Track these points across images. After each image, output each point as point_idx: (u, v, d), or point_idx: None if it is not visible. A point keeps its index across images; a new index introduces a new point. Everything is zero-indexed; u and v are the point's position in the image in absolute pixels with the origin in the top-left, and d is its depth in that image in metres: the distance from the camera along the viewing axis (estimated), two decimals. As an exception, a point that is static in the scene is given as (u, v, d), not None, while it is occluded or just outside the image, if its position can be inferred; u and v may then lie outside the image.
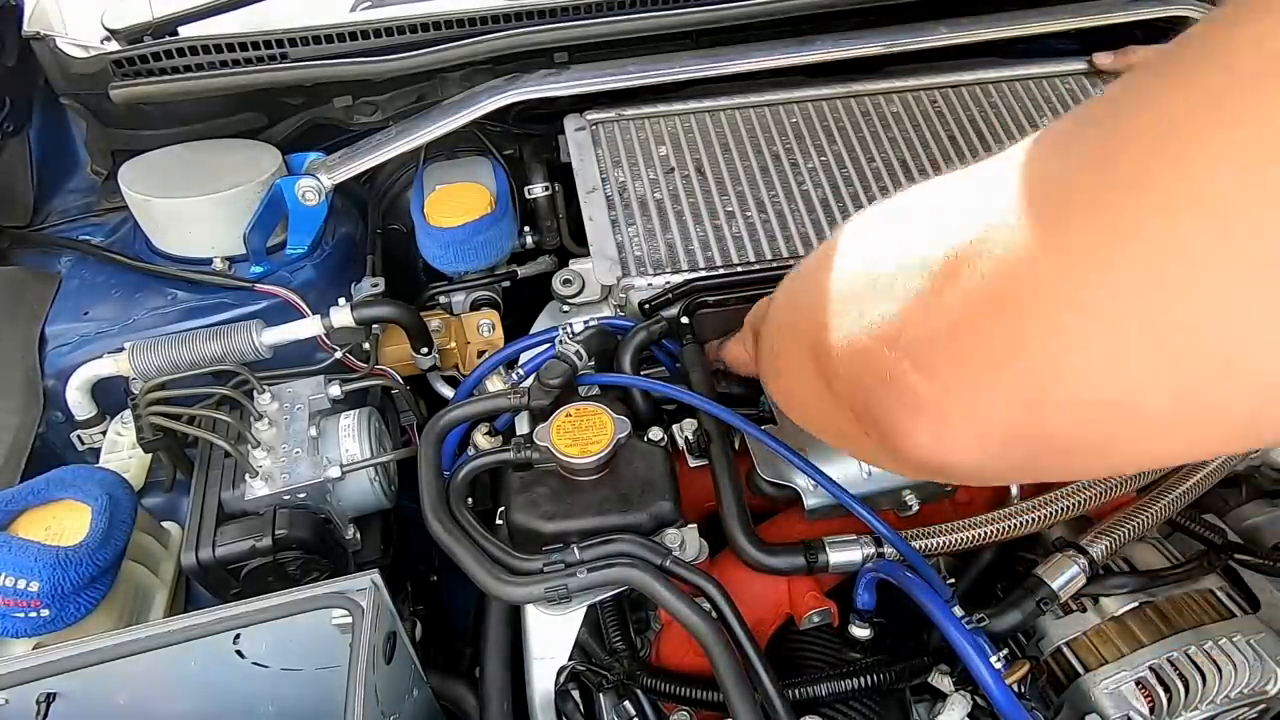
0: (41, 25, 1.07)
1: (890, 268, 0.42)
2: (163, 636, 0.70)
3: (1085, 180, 0.33)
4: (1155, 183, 0.31)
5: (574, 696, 0.78)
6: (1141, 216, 0.31)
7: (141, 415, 0.90)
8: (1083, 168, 0.34)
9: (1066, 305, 0.33)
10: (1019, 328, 0.35)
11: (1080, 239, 0.33)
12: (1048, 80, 1.15)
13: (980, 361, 0.37)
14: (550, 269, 1.16)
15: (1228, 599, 0.79)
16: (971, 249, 0.37)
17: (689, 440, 0.84)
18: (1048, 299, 0.34)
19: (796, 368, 0.53)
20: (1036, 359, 0.35)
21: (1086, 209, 0.33)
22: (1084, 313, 0.33)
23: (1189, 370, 0.32)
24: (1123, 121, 0.33)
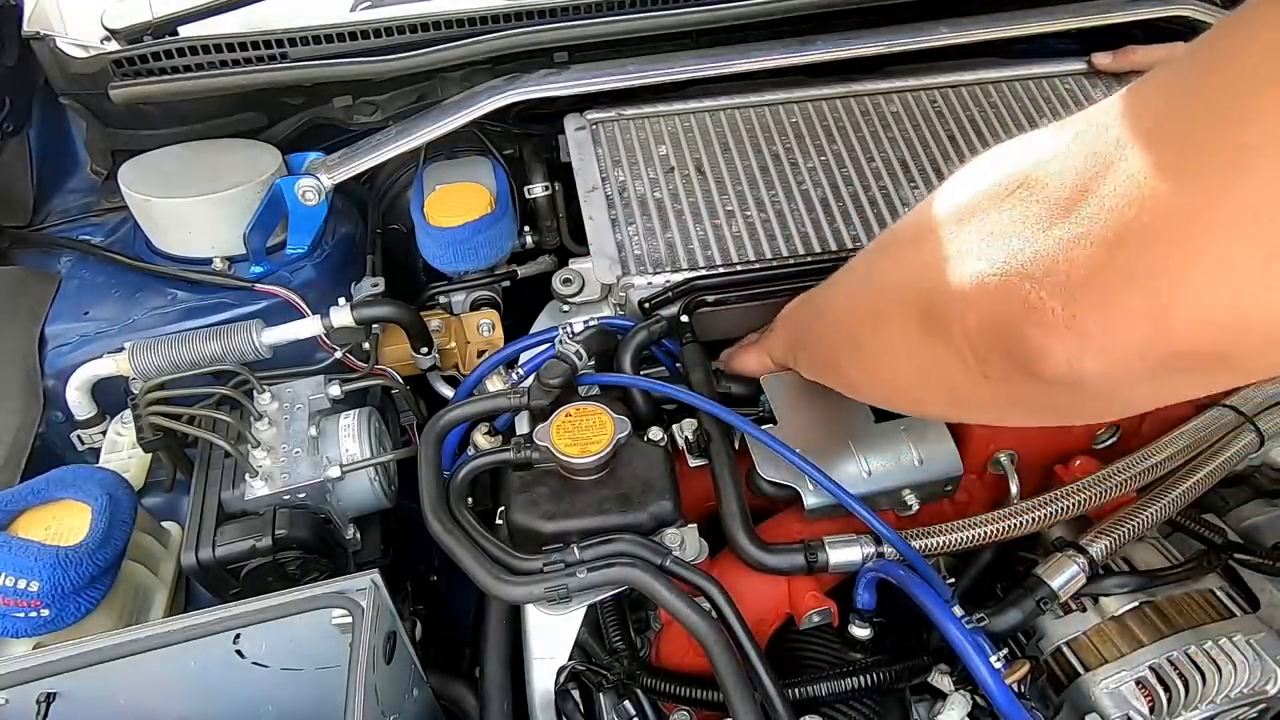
0: (41, 25, 1.07)
1: (1009, 212, 0.46)
2: (163, 636, 0.70)
3: (1200, 114, 0.38)
4: (1267, 114, 0.35)
5: (574, 696, 0.78)
6: (1255, 145, 0.35)
7: (141, 415, 0.90)
8: (1195, 104, 0.38)
9: (1188, 226, 0.37)
10: (1145, 249, 0.39)
11: (1200, 164, 0.37)
12: (1048, 80, 1.15)
13: (1112, 283, 0.41)
14: (550, 269, 1.16)
15: (1228, 599, 0.79)
16: (1093, 182, 0.41)
17: (689, 440, 0.84)
18: (1171, 222, 0.38)
19: (890, 339, 0.58)
20: (1161, 278, 0.39)
21: (1204, 140, 0.37)
22: (1204, 232, 0.37)
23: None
24: (1227, 60, 0.38)
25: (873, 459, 0.80)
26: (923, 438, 0.81)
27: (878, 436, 0.82)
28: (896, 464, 0.80)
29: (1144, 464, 0.81)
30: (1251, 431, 0.85)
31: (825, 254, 0.97)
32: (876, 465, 0.80)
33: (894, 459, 0.80)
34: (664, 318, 0.91)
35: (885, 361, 0.62)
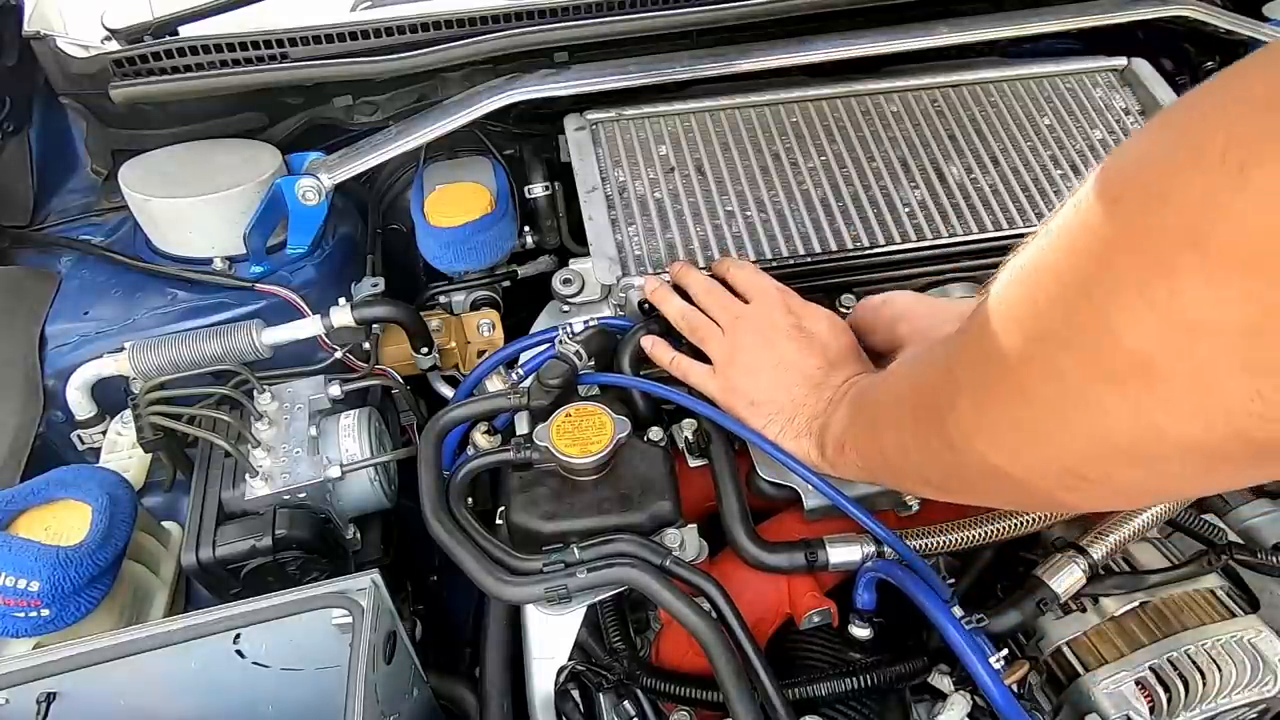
0: (41, 25, 1.07)
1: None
2: (163, 636, 0.70)
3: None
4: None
5: (574, 696, 0.78)
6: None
7: (141, 415, 0.90)
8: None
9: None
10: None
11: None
12: (1048, 80, 1.15)
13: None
14: (550, 269, 1.16)
15: (1228, 599, 0.79)
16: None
17: (689, 440, 0.84)
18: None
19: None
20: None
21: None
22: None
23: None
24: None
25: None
26: (923, 438, 0.81)
27: (878, 436, 0.81)
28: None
29: (1144, 464, 0.80)
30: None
31: (825, 254, 0.97)
32: (876, 465, 0.80)
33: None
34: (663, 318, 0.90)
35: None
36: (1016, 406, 0.46)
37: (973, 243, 0.98)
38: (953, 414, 0.52)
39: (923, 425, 0.57)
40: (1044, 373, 0.43)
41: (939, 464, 0.57)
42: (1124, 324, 0.37)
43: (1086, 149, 1.08)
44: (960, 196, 1.02)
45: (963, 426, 0.51)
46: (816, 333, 0.79)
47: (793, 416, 0.75)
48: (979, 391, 0.49)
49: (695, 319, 0.84)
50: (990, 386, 0.48)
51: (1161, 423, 0.38)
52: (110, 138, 1.16)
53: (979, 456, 0.50)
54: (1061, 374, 0.41)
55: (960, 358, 0.52)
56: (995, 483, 0.53)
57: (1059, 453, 0.45)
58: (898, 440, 0.62)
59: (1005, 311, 0.45)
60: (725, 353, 0.80)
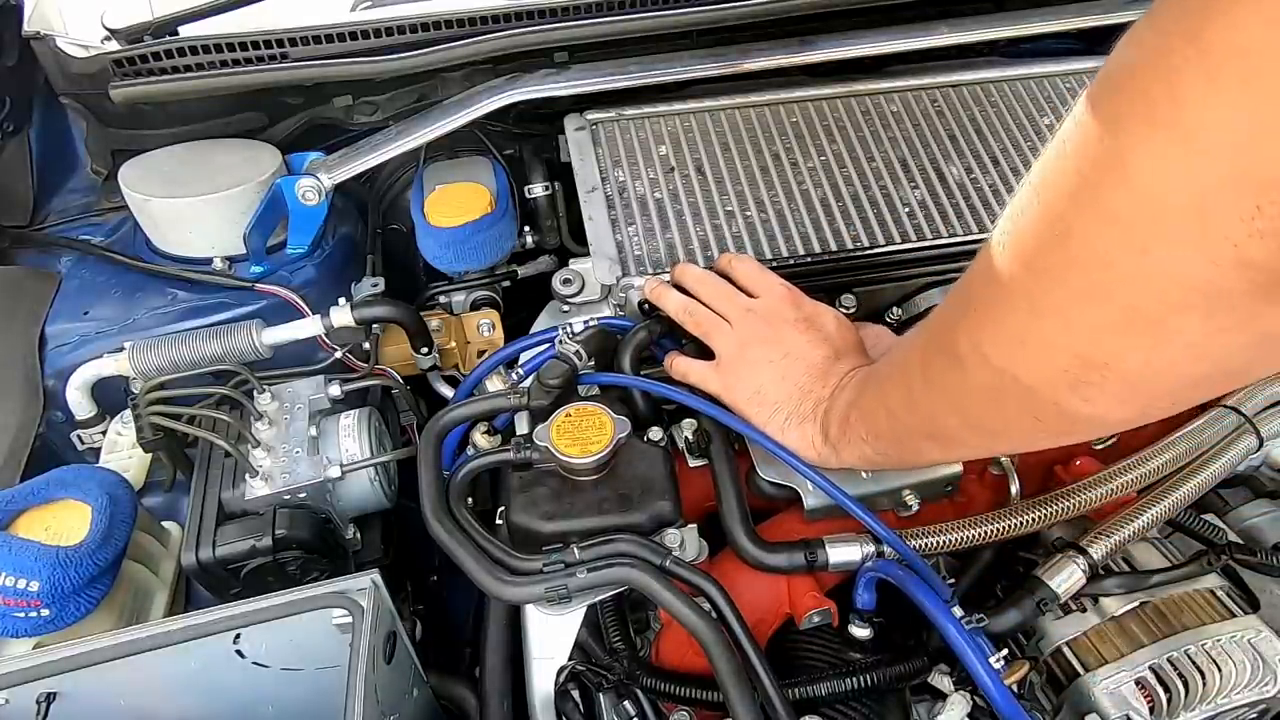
0: (41, 25, 1.07)
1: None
2: (163, 636, 0.70)
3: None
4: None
5: (574, 696, 0.78)
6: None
7: (141, 415, 0.90)
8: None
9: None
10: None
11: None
12: (1048, 80, 1.15)
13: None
14: (550, 269, 1.16)
15: (1228, 599, 0.79)
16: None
17: (689, 440, 0.84)
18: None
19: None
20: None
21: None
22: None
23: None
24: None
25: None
26: (923, 438, 0.81)
27: (878, 436, 0.81)
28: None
29: (1144, 465, 0.81)
30: (1251, 433, 0.85)
31: (825, 254, 0.97)
32: (876, 465, 0.80)
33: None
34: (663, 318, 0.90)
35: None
36: (1025, 286, 0.47)
37: (973, 243, 0.98)
38: (964, 323, 0.53)
39: (931, 355, 0.58)
40: (1051, 238, 0.44)
41: (946, 395, 0.58)
42: (1134, 150, 0.38)
43: (1086, 149, 1.07)
44: (960, 196, 1.02)
45: (971, 334, 0.52)
46: (824, 326, 0.80)
47: (799, 404, 0.75)
48: (989, 292, 0.50)
49: (700, 313, 0.84)
50: (1000, 283, 0.49)
51: (1166, 266, 0.39)
52: (110, 138, 1.16)
53: (987, 364, 0.51)
54: (1068, 231, 0.42)
55: (972, 280, 0.53)
56: (1003, 397, 0.53)
57: (1066, 334, 0.46)
58: (905, 394, 0.63)
59: (1018, 209, 0.46)
60: (733, 346, 0.80)
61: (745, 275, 0.86)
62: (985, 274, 0.51)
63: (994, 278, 0.49)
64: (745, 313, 0.82)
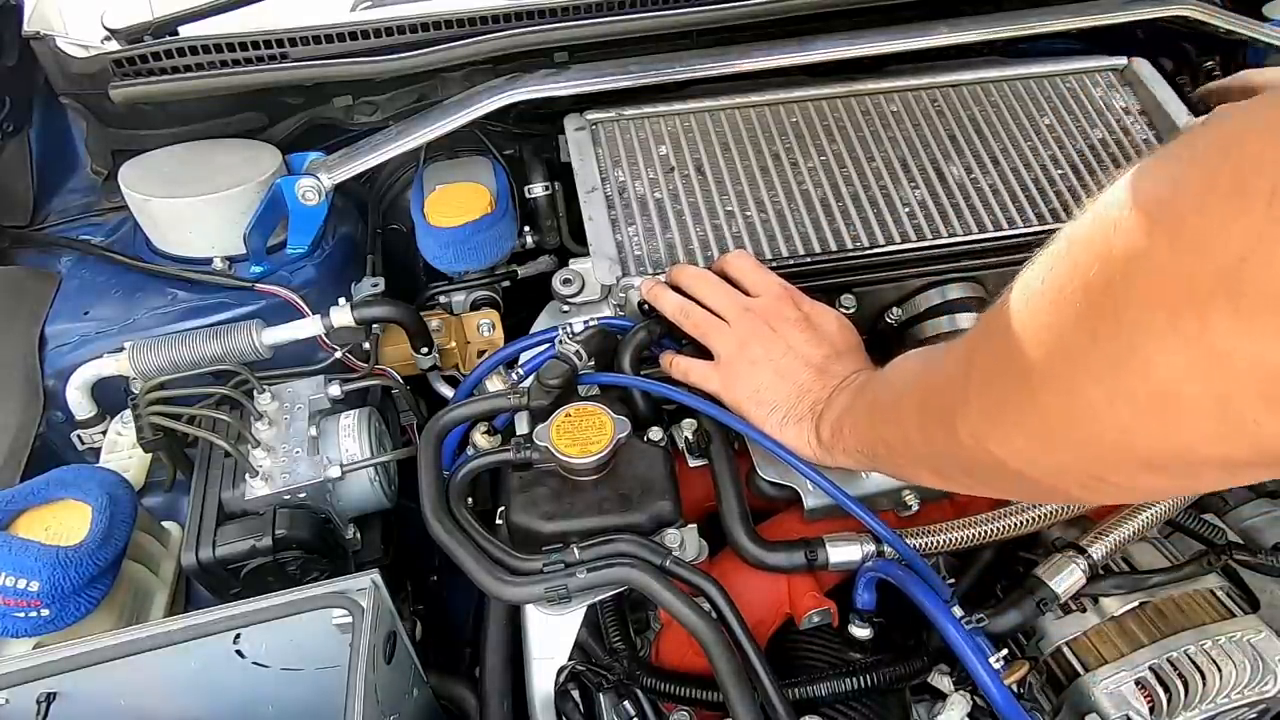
0: (41, 25, 1.07)
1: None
2: (163, 636, 0.70)
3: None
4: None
5: (574, 696, 0.78)
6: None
7: (141, 415, 0.90)
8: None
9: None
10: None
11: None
12: (1048, 80, 1.15)
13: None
14: (550, 269, 1.16)
15: (1228, 599, 0.79)
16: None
17: (689, 440, 0.84)
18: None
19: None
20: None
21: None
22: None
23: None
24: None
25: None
26: (923, 438, 0.81)
27: (878, 436, 0.81)
28: (896, 464, 0.80)
29: (1144, 464, 0.80)
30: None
31: (825, 254, 0.97)
32: (876, 465, 0.80)
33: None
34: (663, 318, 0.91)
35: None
36: (1032, 416, 0.46)
37: (973, 243, 0.98)
38: (964, 412, 0.52)
39: (929, 419, 0.57)
40: (1064, 388, 0.43)
41: (946, 457, 0.57)
42: (1154, 352, 0.37)
43: (1086, 149, 1.08)
44: (960, 196, 1.02)
45: (973, 427, 0.51)
46: (824, 325, 0.80)
47: (796, 403, 0.75)
48: (993, 395, 0.49)
49: (696, 313, 0.84)
50: (1007, 394, 0.48)
51: (1188, 442, 0.39)
52: (110, 138, 1.16)
53: (991, 456, 0.50)
54: (1082, 392, 0.42)
55: (976, 360, 0.52)
56: (1008, 479, 0.53)
57: (1077, 460, 0.46)
58: (900, 432, 0.62)
59: (1028, 320, 0.44)
60: (732, 344, 0.80)
61: (743, 274, 0.86)
62: (993, 367, 0.49)
63: (1004, 385, 0.48)
64: (743, 312, 0.82)
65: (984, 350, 0.51)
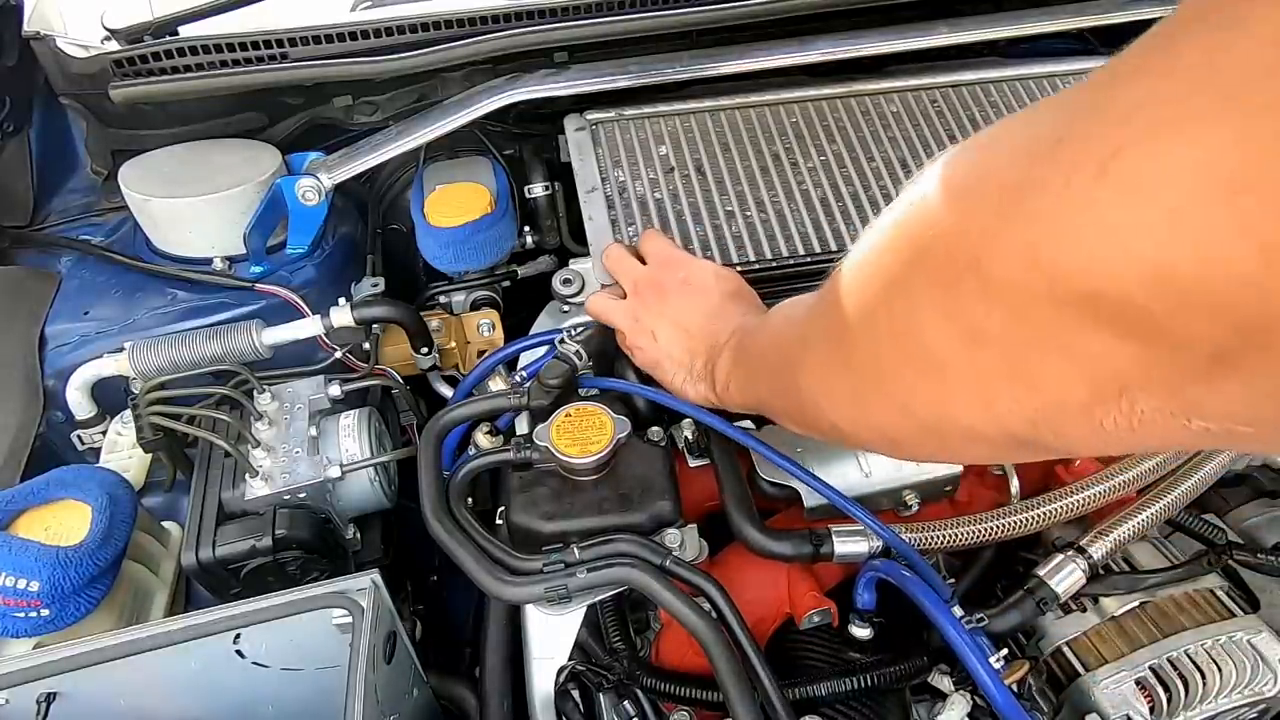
0: (41, 25, 1.07)
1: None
2: (163, 636, 0.70)
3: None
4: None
5: (574, 696, 0.78)
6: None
7: (141, 415, 0.90)
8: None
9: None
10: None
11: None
12: (1048, 80, 1.15)
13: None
14: (550, 269, 1.16)
15: (1228, 599, 0.79)
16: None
17: (689, 440, 0.84)
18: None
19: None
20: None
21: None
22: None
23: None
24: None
25: (873, 459, 0.80)
26: (923, 438, 0.81)
27: (878, 436, 0.81)
28: (896, 464, 0.80)
29: (1144, 464, 0.81)
30: (1251, 432, 0.85)
31: (825, 254, 0.97)
32: (877, 465, 0.80)
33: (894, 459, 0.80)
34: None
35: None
36: (848, 379, 0.52)
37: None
38: (803, 372, 0.58)
39: (782, 378, 0.63)
40: (868, 352, 0.49)
41: (797, 414, 0.64)
42: (926, 323, 0.41)
43: (1086, 149, 1.07)
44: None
45: (810, 387, 0.57)
46: (702, 282, 0.83)
47: (692, 363, 0.78)
48: (821, 358, 0.55)
49: (598, 304, 0.88)
50: (830, 354, 0.54)
51: (952, 411, 0.44)
52: (110, 138, 1.16)
53: (823, 413, 0.57)
54: (880, 356, 0.47)
55: (813, 322, 0.58)
56: (838, 435, 0.58)
57: (878, 420, 0.52)
58: (767, 390, 0.68)
59: (848, 286, 0.49)
60: (629, 320, 0.84)
61: (643, 249, 0.90)
62: (821, 331, 0.55)
63: (828, 346, 0.54)
64: (633, 285, 0.86)
65: (817, 315, 0.56)
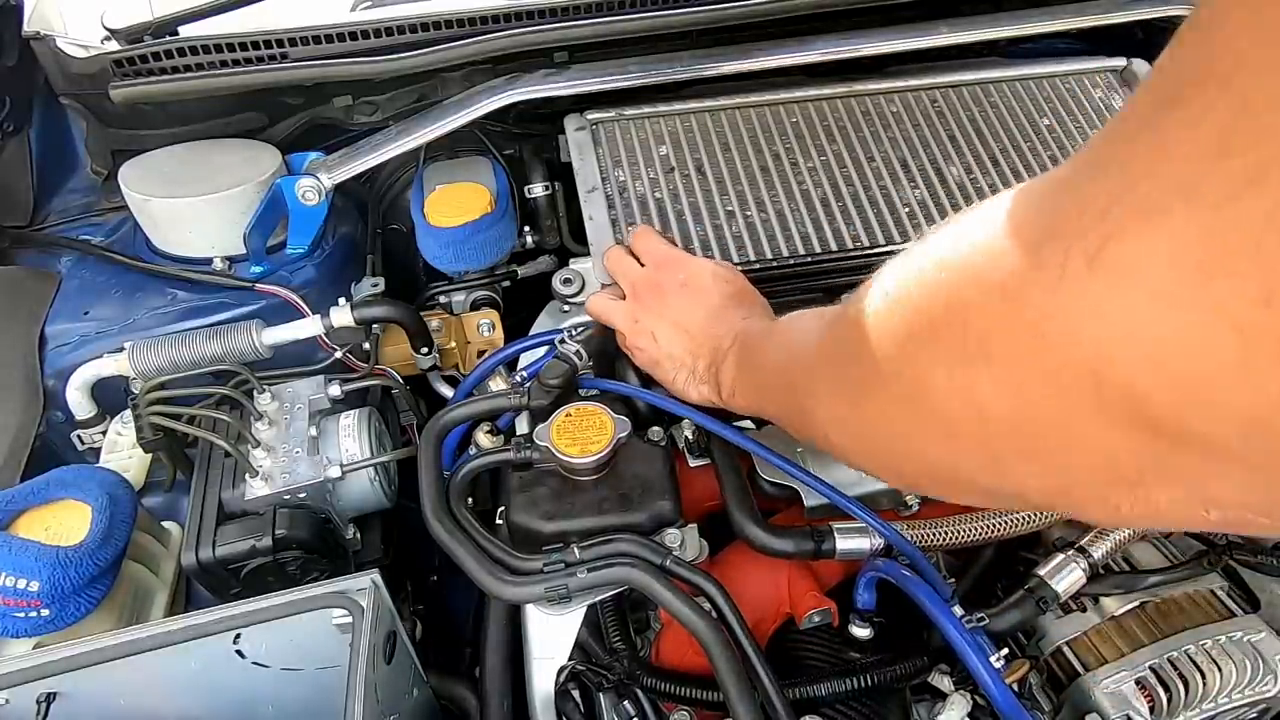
0: (41, 25, 1.07)
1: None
2: (163, 636, 0.70)
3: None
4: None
5: (574, 696, 0.78)
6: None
7: (141, 415, 0.90)
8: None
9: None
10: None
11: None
12: (1048, 80, 1.15)
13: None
14: (550, 269, 1.16)
15: (1228, 599, 0.79)
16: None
17: (689, 440, 0.84)
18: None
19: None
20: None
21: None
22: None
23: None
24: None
25: (873, 459, 0.80)
26: (923, 438, 0.81)
27: (878, 436, 0.81)
28: (896, 464, 0.80)
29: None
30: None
31: (825, 254, 0.97)
32: (876, 465, 0.80)
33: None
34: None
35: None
36: (858, 419, 0.53)
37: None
38: (812, 401, 0.59)
39: (790, 401, 0.64)
40: (878, 408, 0.50)
41: (804, 436, 0.65)
42: (938, 392, 0.42)
43: (1086, 149, 1.07)
44: (960, 197, 1.02)
45: (818, 415, 0.58)
46: (700, 283, 0.82)
47: (694, 364, 0.78)
48: (831, 393, 0.56)
49: (598, 305, 0.88)
50: (839, 397, 0.55)
51: (965, 472, 0.46)
52: (110, 138, 1.16)
53: (831, 442, 0.58)
54: (890, 414, 0.48)
55: (822, 362, 0.57)
56: (846, 462, 0.60)
57: (886, 461, 0.54)
58: (774, 404, 0.69)
59: (859, 339, 0.48)
60: (628, 321, 0.83)
61: (637, 249, 0.89)
62: (835, 371, 0.55)
63: (841, 388, 0.54)
64: (631, 287, 0.85)
65: (829, 355, 0.56)
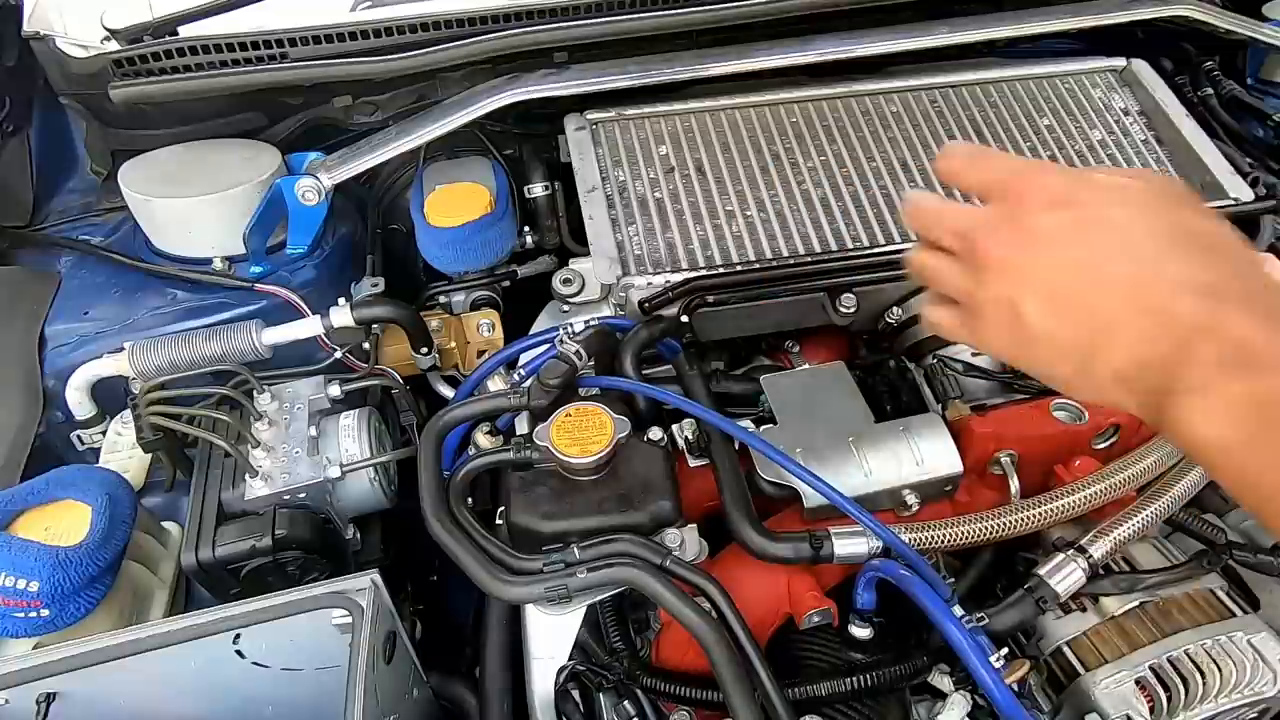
0: (41, 25, 1.07)
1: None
2: (163, 636, 0.70)
3: None
4: None
5: (574, 696, 0.78)
6: None
7: (141, 415, 0.90)
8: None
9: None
10: None
11: None
12: (1048, 80, 1.15)
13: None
14: (550, 269, 1.16)
15: (1228, 599, 0.79)
16: None
17: (689, 440, 0.84)
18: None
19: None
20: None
21: None
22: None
23: None
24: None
25: (873, 459, 0.80)
26: (923, 437, 0.81)
27: (878, 436, 0.82)
28: (897, 464, 0.80)
29: (1144, 463, 0.81)
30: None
31: (825, 254, 0.97)
32: (877, 465, 0.80)
33: (894, 459, 0.80)
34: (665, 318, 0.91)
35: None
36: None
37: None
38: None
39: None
40: None
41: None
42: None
43: (1086, 149, 1.08)
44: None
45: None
46: (1111, 220, 0.48)
47: (1092, 358, 0.48)
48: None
49: (922, 261, 0.56)
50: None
51: None
52: (110, 138, 1.16)
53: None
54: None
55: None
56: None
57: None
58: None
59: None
60: (968, 283, 0.52)
61: (954, 176, 0.55)
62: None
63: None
64: (968, 234, 0.52)
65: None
